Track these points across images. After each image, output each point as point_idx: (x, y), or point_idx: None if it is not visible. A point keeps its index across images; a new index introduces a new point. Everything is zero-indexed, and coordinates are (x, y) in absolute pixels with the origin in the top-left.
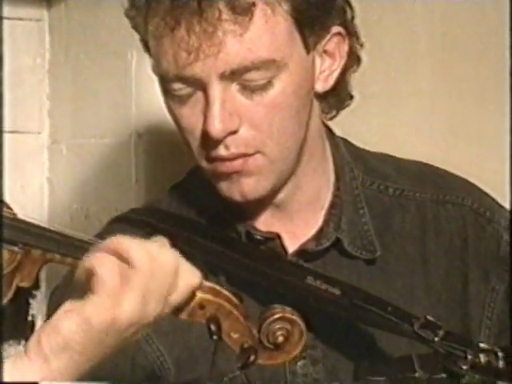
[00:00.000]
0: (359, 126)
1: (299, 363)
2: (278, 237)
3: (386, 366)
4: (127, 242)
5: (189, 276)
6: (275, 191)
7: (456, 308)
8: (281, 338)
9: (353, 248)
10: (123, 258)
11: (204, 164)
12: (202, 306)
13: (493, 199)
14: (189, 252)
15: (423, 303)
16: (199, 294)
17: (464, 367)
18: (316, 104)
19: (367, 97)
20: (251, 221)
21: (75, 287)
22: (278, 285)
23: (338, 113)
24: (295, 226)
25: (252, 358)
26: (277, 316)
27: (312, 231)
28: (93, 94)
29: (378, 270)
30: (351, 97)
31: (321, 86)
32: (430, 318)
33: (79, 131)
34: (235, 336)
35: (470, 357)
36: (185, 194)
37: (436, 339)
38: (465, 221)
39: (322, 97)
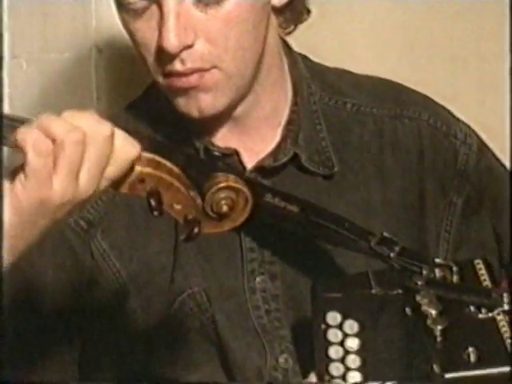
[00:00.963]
0: (317, 41)
1: (258, 279)
2: (236, 153)
3: (343, 283)
4: (51, 117)
5: (126, 148)
6: (233, 107)
7: (413, 222)
8: (225, 208)
9: (310, 164)
10: (49, 135)
11: (160, 80)
12: (141, 180)
13: (449, 112)
14: None
15: (380, 218)
16: (139, 168)
17: (419, 283)
18: (273, 18)
19: (325, 12)
20: (209, 137)
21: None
22: None
23: (295, 27)
24: (253, 142)
25: (196, 230)
26: (221, 185)
27: (270, 147)
28: (52, 8)
29: (336, 186)
30: (308, 11)
31: (277, 0)
32: (386, 234)
33: (39, 46)
34: (178, 207)
35: (425, 272)
36: (142, 110)
37: (392, 255)
38: (421, 135)
39: (279, 11)
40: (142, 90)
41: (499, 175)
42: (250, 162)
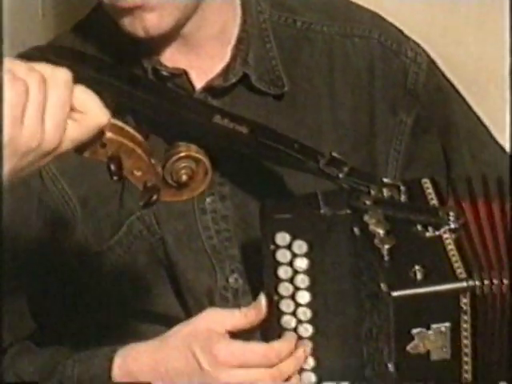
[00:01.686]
0: None
1: (208, 199)
2: (185, 73)
3: (291, 204)
4: (11, 59)
5: (97, 114)
6: (179, 26)
7: (363, 142)
8: (185, 177)
9: (260, 83)
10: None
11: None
12: (103, 145)
13: (399, 30)
14: (94, 91)
15: (331, 138)
16: (102, 133)
17: (367, 202)
18: None
19: None
20: (157, 57)
21: None
22: (185, 123)
23: None
24: (202, 61)
25: (154, 197)
26: (182, 154)
27: (219, 67)
28: None
29: (286, 106)
30: None
31: None
32: (335, 154)
33: None
34: (138, 174)
35: (373, 192)
36: (88, 30)
37: (340, 175)
38: (372, 54)
39: None
40: (87, 7)
41: (449, 94)
42: (199, 82)
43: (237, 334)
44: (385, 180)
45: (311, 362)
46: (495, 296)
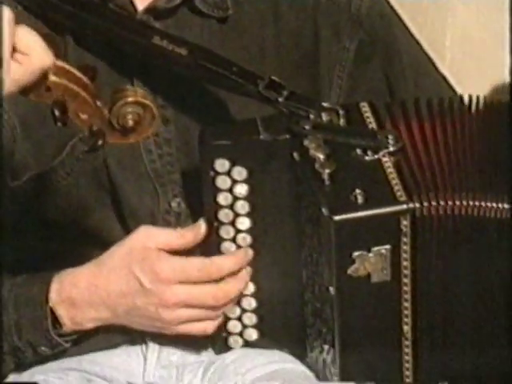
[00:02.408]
0: None
1: None
2: None
3: (231, 130)
4: None
5: (42, 56)
6: None
7: (307, 68)
8: (131, 122)
9: (204, 6)
10: None
11: None
12: (48, 88)
13: None
14: (34, 12)
15: (274, 63)
16: (47, 76)
17: (306, 127)
18: None
19: None
20: None
21: None
22: (125, 44)
23: None
24: None
25: (100, 141)
26: (129, 100)
27: None
28: None
29: (230, 30)
30: None
31: None
32: (274, 78)
33: None
34: (83, 117)
35: (312, 116)
36: None
37: (280, 99)
38: None
39: None
40: None
41: (391, 22)
42: (141, 4)
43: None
44: (324, 104)
45: (251, 288)
46: (434, 218)
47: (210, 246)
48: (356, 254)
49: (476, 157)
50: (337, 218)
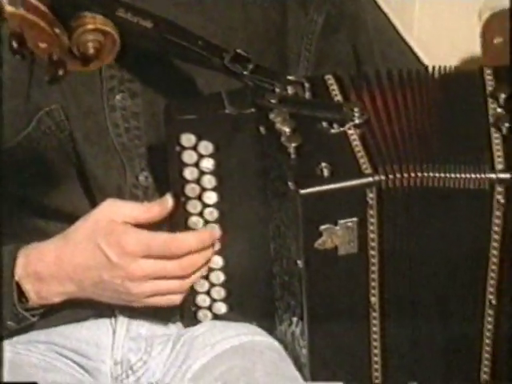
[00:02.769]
0: None
1: (117, 97)
2: None
3: (196, 104)
4: None
5: None
6: None
7: (275, 41)
8: (92, 50)
9: None
10: None
11: None
12: (3, 19)
13: None
14: None
15: (241, 36)
16: (2, 6)
17: (272, 100)
18: None
19: None
20: None
21: None
22: None
23: None
24: None
25: (61, 71)
26: (88, 27)
27: None
28: None
29: (197, 3)
30: None
31: None
32: (239, 51)
33: None
34: (43, 46)
35: (277, 90)
36: None
37: (245, 73)
38: None
39: None
40: None
41: None
42: None
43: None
44: (289, 77)
45: (220, 262)
46: (400, 190)
47: (176, 221)
48: (323, 227)
49: (441, 128)
50: (303, 191)
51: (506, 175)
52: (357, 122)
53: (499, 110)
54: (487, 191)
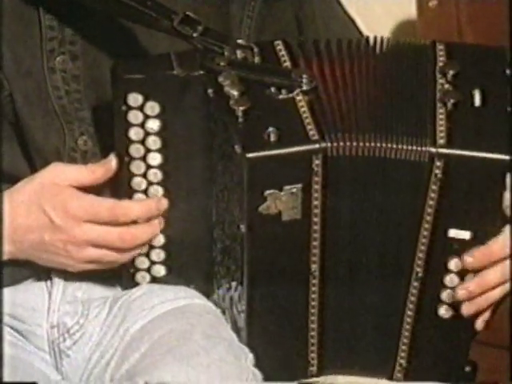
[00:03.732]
0: None
1: (58, 58)
2: None
3: (144, 64)
4: None
5: None
6: None
7: (218, 7)
8: None
9: None
10: None
11: None
12: None
13: None
14: None
15: (185, 1)
16: None
17: (221, 64)
18: None
19: None
20: None
21: None
22: None
23: None
24: None
25: None
26: None
27: None
28: None
29: None
30: None
31: None
32: (189, 13)
33: None
34: None
35: (227, 53)
36: None
37: (195, 35)
38: None
39: None
40: None
41: None
42: None
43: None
44: (239, 41)
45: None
46: (346, 158)
47: (120, 181)
48: (268, 192)
49: (388, 99)
50: (249, 155)
51: (446, 150)
52: (305, 88)
53: (447, 85)
54: (426, 164)
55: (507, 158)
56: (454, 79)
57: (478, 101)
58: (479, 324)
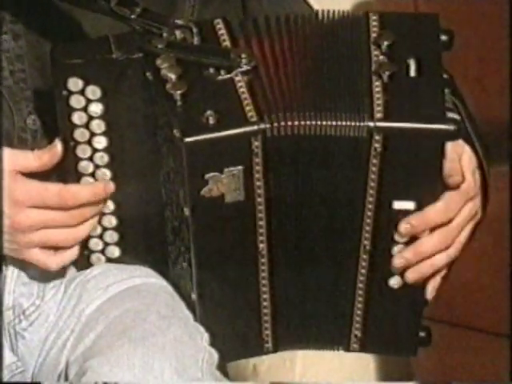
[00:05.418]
0: None
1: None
2: None
3: (83, 48)
4: None
5: None
6: None
7: None
8: None
9: None
10: None
11: None
12: None
13: None
14: None
15: None
16: None
17: (159, 46)
18: None
19: None
20: None
21: None
22: None
23: None
24: None
25: None
26: None
27: None
28: None
29: None
30: None
31: None
32: None
33: None
34: None
35: (165, 34)
36: None
37: (133, 16)
38: None
39: None
40: None
41: None
42: None
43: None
44: (177, 21)
45: (111, 206)
46: (286, 138)
47: (66, 166)
48: (208, 175)
49: (325, 74)
50: (188, 139)
51: (385, 124)
52: (244, 68)
53: (381, 57)
54: (366, 139)
55: (445, 127)
56: (388, 50)
57: (413, 71)
58: (430, 291)
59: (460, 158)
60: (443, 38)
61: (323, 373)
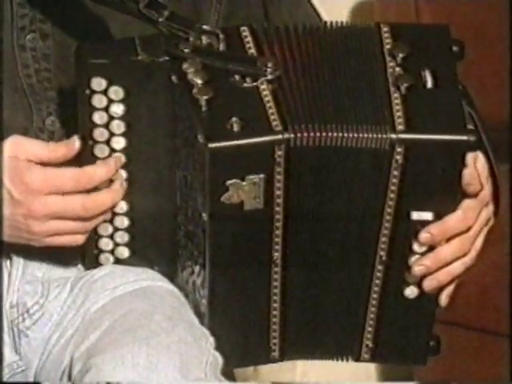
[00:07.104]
0: None
1: (28, 36)
2: None
3: (109, 48)
4: None
5: None
6: None
7: None
8: None
9: None
10: None
11: None
12: None
13: None
14: None
15: None
16: None
17: (186, 50)
18: None
19: None
20: None
21: None
22: None
23: None
24: None
25: None
26: None
27: None
28: None
29: None
30: None
31: None
32: None
33: None
34: None
35: (192, 39)
36: None
37: (160, 19)
38: None
39: None
40: None
41: None
42: None
43: None
44: (204, 27)
45: (124, 206)
46: (308, 148)
47: (83, 164)
48: (230, 182)
49: (345, 86)
50: (212, 145)
51: (407, 136)
52: (269, 77)
53: (398, 69)
54: (387, 151)
55: (466, 138)
56: (403, 62)
57: (429, 82)
58: (443, 299)
59: (475, 165)
60: (455, 48)
61: (324, 373)
